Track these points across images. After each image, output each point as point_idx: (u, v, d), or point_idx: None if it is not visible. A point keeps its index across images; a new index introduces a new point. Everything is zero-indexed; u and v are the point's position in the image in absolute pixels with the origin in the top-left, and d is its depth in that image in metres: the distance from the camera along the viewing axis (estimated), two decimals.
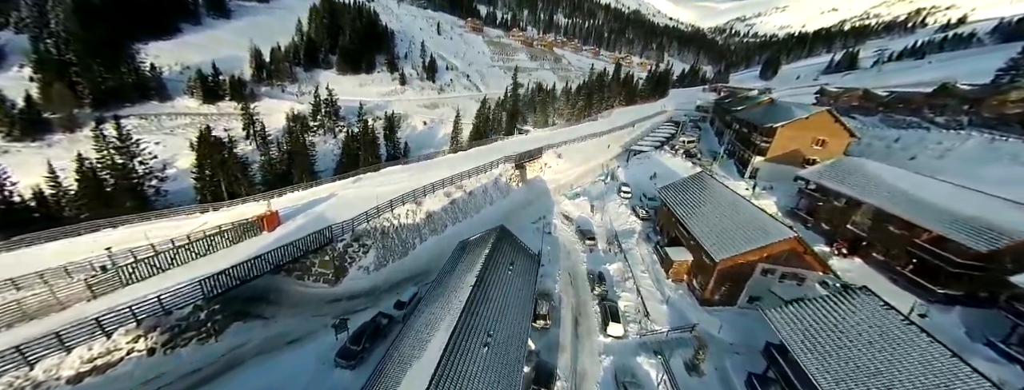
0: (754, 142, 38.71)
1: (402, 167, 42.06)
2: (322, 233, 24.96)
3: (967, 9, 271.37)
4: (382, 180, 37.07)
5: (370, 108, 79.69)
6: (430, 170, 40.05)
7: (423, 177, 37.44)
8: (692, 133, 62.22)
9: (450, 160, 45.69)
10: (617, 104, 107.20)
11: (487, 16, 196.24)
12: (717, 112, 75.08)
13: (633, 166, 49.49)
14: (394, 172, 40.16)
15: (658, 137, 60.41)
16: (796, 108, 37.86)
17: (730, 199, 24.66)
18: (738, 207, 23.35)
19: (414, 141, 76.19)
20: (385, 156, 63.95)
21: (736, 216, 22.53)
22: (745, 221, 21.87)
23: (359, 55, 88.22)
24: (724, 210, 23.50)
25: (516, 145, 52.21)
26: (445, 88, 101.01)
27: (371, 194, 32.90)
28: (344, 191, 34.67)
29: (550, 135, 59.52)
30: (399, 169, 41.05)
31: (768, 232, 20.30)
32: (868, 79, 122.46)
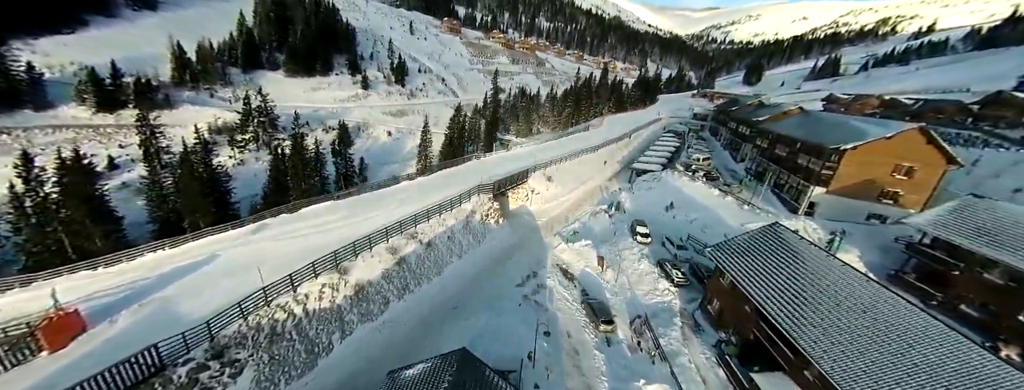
0: (807, 167, 29.50)
1: (336, 206, 30.51)
2: (142, 359, 13.52)
3: (930, 18, 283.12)
4: (299, 228, 25.59)
5: (324, 116, 67.41)
6: (376, 208, 28.89)
7: (363, 220, 26.26)
8: (701, 146, 53.42)
9: (409, 190, 34.56)
10: (606, 111, 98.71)
11: (466, 18, 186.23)
12: (720, 121, 67.09)
13: (640, 190, 39.77)
14: (324, 212, 28.67)
15: (662, 152, 51.25)
16: (863, 123, 28.92)
17: (848, 281, 14.80)
18: (877, 304, 13.45)
19: (375, 156, 64.45)
20: (334, 177, 52.17)
21: (884, 324, 12.67)
22: (910, 335, 12.02)
23: (313, 55, 75.80)
24: (851, 309, 13.61)
25: (495, 164, 41.67)
26: (416, 93, 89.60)
27: (274, 254, 21.56)
28: (233, 250, 23.03)
29: (535, 151, 49.34)
30: (331, 208, 29.54)
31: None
32: (857, 85, 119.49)
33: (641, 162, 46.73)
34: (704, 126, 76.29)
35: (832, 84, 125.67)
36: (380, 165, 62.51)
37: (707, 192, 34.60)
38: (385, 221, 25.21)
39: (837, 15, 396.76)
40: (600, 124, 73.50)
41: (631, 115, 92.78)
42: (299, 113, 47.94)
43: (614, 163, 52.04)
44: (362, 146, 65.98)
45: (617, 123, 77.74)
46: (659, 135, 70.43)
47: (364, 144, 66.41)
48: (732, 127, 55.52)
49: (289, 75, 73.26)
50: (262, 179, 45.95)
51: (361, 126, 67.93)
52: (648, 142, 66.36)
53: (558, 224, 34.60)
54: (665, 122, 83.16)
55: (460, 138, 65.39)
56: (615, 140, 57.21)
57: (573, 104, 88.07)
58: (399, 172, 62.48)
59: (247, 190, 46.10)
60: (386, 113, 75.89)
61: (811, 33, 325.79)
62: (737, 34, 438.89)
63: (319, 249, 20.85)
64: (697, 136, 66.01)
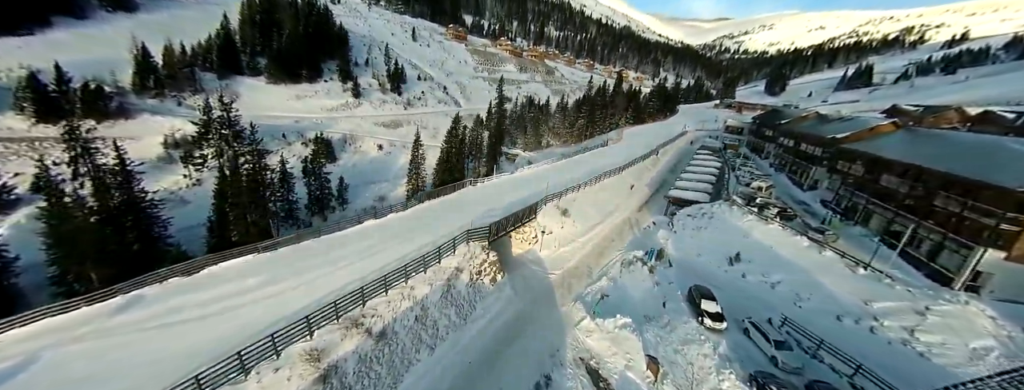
0: (959, 216, 19.66)
1: (261, 262, 21.30)
2: None
3: (958, 27, 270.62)
4: (191, 304, 16.56)
5: (306, 127, 59.49)
6: (318, 265, 19.84)
7: (293, 287, 17.33)
8: (752, 169, 43.61)
9: (372, 235, 25.41)
10: (623, 122, 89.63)
11: (473, 26, 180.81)
12: (762, 135, 57.33)
13: (685, 229, 30.19)
14: (238, 274, 19.53)
15: (702, 174, 41.69)
16: None
17: None
18: None
19: (362, 173, 56.02)
20: (306, 203, 43.81)
21: None
22: None
23: (299, 60, 68.62)
24: None
25: (495, 193, 32.55)
26: (413, 102, 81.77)
27: (129, 364, 12.70)
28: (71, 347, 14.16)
29: (546, 171, 40.23)
30: (253, 266, 20.35)
31: None
32: (901, 95, 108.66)
33: (680, 189, 37.17)
34: (739, 141, 66.58)
35: (871, 94, 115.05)
36: (366, 184, 53.92)
37: (788, 239, 24.82)
38: (325, 288, 16.22)
39: (856, 24, 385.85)
40: (618, 138, 64.30)
41: (651, 127, 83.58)
42: (253, 125, 39.66)
43: (642, 187, 42.57)
44: (347, 162, 57.71)
45: (637, 136, 68.56)
46: (689, 152, 60.94)
47: (350, 159, 58.14)
48: (787, 144, 45.75)
49: (271, 82, 66.01)
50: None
51: (348, 139, 59.83)
52: (678, 160, 56.94)
53: (578, 280, 25.11)
54: (692, 136, 73.68)
55: (459, 153, 56.66)
56: (641, 158, 47.81)
57: (587, 115, 79.25)
58: (388, 192, 53.86)
59: (199, 216, 37.56)
60: (378, 124, 67.87)
61: (830, 42, 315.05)
62: (751, 44, 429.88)
63: (199, 351, 11.83)
64: (736, 153, 56.30)
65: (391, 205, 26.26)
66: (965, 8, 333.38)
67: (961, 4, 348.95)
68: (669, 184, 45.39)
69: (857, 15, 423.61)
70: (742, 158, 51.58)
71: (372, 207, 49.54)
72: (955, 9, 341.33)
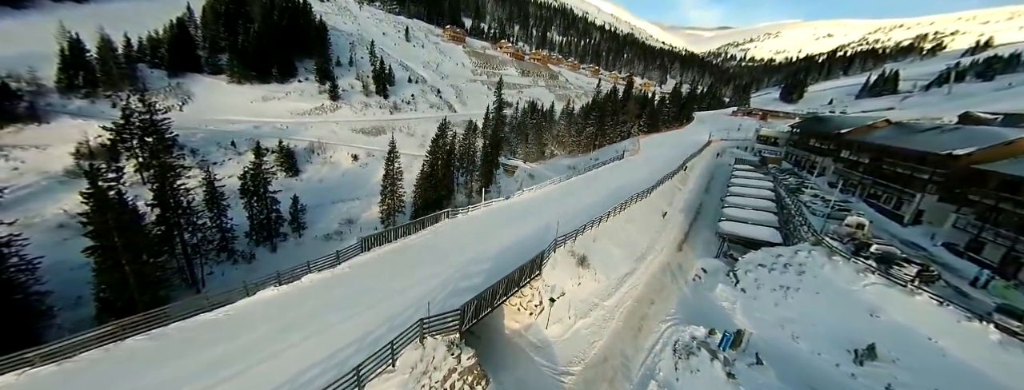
0: None
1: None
2: None
3: (973, 34, 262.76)
4: None
5: (268, 134, 50.37)
6: None
7: None
8: (810, 188, 33.90)
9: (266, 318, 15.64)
10: (636, 130, 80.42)
11: (472, 28, 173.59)
12: (810, 148, 47.88)
13: (758, 286, 20.54)
14: None
15: (754, 198, 32.14)
16: None
17: None
18: None
19: (329, 189, 46.71)
20: (247, 230, 34.61)
21: None
22: None
23: (269, 57, 59.96)
24: None
25: (485, 229, 22.98)
26: (401, 105, 72.88)
27: None
28: None
29: (551, 194, 30.66)
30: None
31: None
32: (939, 102, 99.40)
33: (733, 220, 27.60)
34: (775, 152, 57.13)
35: (904, 101, 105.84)
36: (331, 204, 44.52)
37: (957, 326, 15.07)
38: None
39: (865, 32, 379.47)
40: (636, 149, 54.93)
41: (668, 136, 74.29)
42: (172, 134, 30.54)
43: (675, 213, 32.95)
44: (313, 175, 48.43)
45: (655, 146, 59.18)
46: (720, 166, 51.50)
47: (317, 172, 48.88)
48: (857, 160, 36.18)
49: (234, 81, 57.18)
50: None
51: (317, 147, 50.64)
52: (709, 176, 47.45)
53: (610, 386, 15.37)
54: (717, 146, 64.27)
55: (446, 166, 47.37)
56: (668, 175, 38.25)
57: (597, 122, 70.11)
58: (359, 213, 44.39)
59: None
60: (356, 131, 58.75)
61: (841, 50, 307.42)
62: (757, 52, 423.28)
63: None
64: (780, 168, 46.80)
65: (310, 263, 16.60)
66: (978, 16, 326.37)
67: (972, 12, 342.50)
68: (708, 210, 35.89)
69: (865, 23, 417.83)
70: (793, 176, 41.95)
71: (338, 232, 40.18)
72: (967, 17, 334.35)
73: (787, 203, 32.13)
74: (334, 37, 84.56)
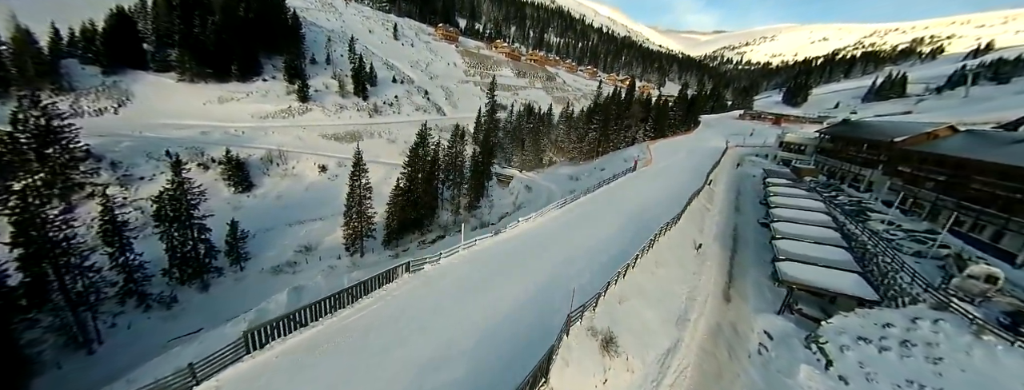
0: None
1: None
2: None
3: (970, 38, 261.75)
4: None
5: (218, 141, 42.88)
6: None
7: None
8: (876, 212, 27.29)
9: None
10: (641, 135, 73.91)
11: (466, 29, 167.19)
12: (849, 158, 41.46)
13: (868, 381, 13.56)
14: None
15: (809, 225, 25.35)
16: None
17: None
18: None
19: (283, 210, 39.26)
20: (166, 267, 27.35)
21: None
22: None
23: (229, 53, 52.58)
24: None
25: (458, 294, 15.83)
26: (383, 108, 65.68)
27: None
28: None
29: (554, 223, 23.60)
30: None
31: None
32: (955, 106, 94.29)
33: (794, 259, 20.73)
34: (799, 160, 50.78)
35: (919, 104, 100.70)
36: (287, 226, 37.11)
37: None
38: None
39: (861, 36, 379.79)
40: (648, 158, 48.21)
41: (678, 142, 67.71)
42: (87, 135, 23.25)
43: (710, 243, 26.00)
44: (269, 190, 40.97)
45: (667, 154, 52.48)
46: (744, 178, 44.86)
47: (275, 186, 41.45)
48: (925, 176, 29.62)
49: (185, 80, 49.65)
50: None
51: (276, 157, 43.21)
52: (735, 191, 40.73)
53: None
54: (735, 153, 57.74)
55: (428, 180, 40.21)
56: (696, 192, 31.38)
57: (600, 126, 63.41)
58: (321, 237, 37.05)
59: None
60: (328, 136, 51.48)
61: (837, 53, 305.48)
62: (753, 55, 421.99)
63: None
64: (817, 182, 40.22)
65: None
66: (972, 20, 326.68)
67: (966, 16, 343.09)
68: (746, 236, 29.08)
69: (860, 27, 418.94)
70: (838, 192, 35.31)
71: (291, 263, 32.78)
72: (961, 21, 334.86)
73: (852, 232, 25.38)
74: (313, 33, 77.38)
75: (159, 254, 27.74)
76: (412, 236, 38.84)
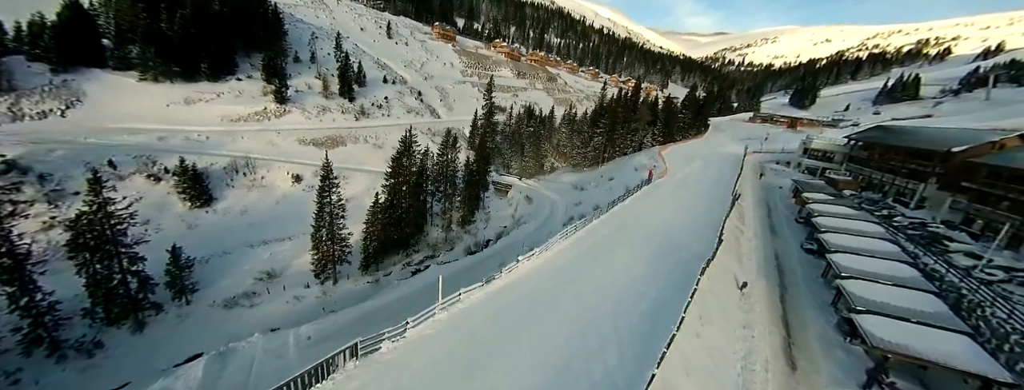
0: None
1: None
2: None
3: (976, 40, 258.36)
4: None
5: (168, 148, 37.88)
6: None
7: None
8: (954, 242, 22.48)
9: None
10: (650, 140, 69.20)
11: (465, 28, 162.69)
12: (892, 169, 36.65)
13: None
14: None
15: (875, 258, 20.52)
16: None
17: None
18: None
19: (247, 228, 34.29)
20: (89, 307, 22.27)
21: None
22: None
23: (199, 49, 47.68)
24: None
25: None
26: (370, 110, 60.79)
27: None
28: None
29: (560, 266, 18.72)
30: None
31: None
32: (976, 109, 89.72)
33: (879, 313, 15.84)
34: (825, 169, 46.03)
35: (937, 107, 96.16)
36: (249, 247, 32.12)
37: None
38: None
39: (864, 37, 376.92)
40: (664, 166, 43.34)
41: (690, 147, 62.86)
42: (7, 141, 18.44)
43: (756, 280, 21.10)
44: (234, 203, 35.97)
45: (681, 161, 47.60)
46: (771, 191, 40.08)
47: (239, 199, 36.43)
48: (1004, 198, 24.79)
49: (147, 78, 44.70)
50: None
51: (241, 166, 38.22)
52: (764, 207, 35.92)
53: None
54: (753, 161, 52.90)
55: (415, 194, 35.31)
56: (727, 213, 26.53)
57: (606, 130, 58.61)
58: (287, 262, 32.13)
59: None
60: (305, 142, 46.55)
61: (841, 55, 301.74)
62: (755, 57, 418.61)
63: None
64: (859, 197, 35.38)
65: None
66: (976, 22, 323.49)
67: (970, 18, 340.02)
68: (791, 267, 24.23)
69: (863, 29, 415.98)
70: (897, 212, 30.43)
71: (250, 294, 27.81)
72: (966, 23, 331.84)
73: (930, 268, 20.48)
74: (299, 30, 72.58)
75: (70, 293, 22.71)
76: (396, 258, 33.89)
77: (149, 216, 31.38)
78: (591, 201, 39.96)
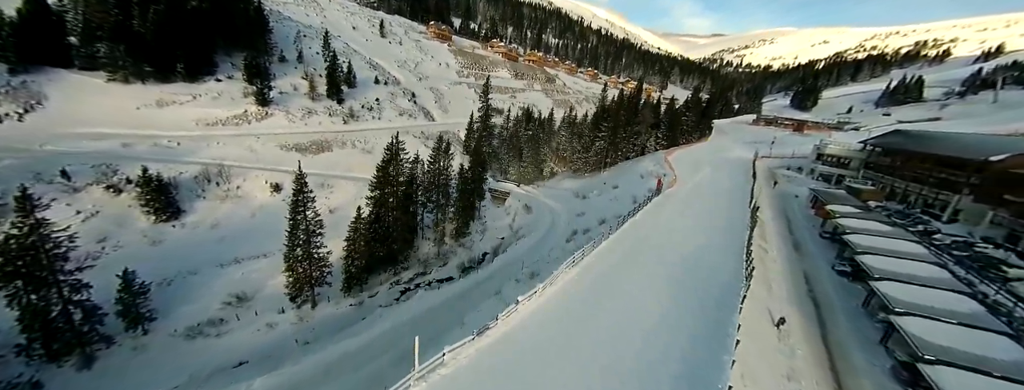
0: None
1: None
2: None
3: (974, 42, 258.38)
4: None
5: (133, 155, 34.75)
6: None
7: None
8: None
9: None
10: (653, 143, 66.65)
11: (461, 28, 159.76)
12: (922, 179, 34.11)
13: None
14: None
15: (928, 287, 17.84)
16: None
17: None
18: None
19: (218, 244, 31.17)
20: (34, 352, 18.49)
21: None
22: None
23: (174, 47, 44.54)
24: None
25: None
26: (360, 112, 57.74)
27: None
28: None
29: (565, 305, 15.88)
30: None
31: None
32: (985, 113, 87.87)
33: (959, 365, 13.10)
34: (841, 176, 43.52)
35: (944, 109, 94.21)
36: (219, 267, 29.09)
37: None
38: None
39: (861, 39, 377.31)
40: (673, 173, 40.64)
41: (695, 152, 60.22)
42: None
43: (792, 313, 18.30)
44: (206, 216, 32.90)
45: (689, 168, 44.89)
46: (786, 199, 37.47)
47: (212, 212, 33.36)
48: None
49: (116, 79, 41.47)
50: None
51: (214, 175, 35.13)
52: (784, 219, 33.33)
53: None
54: (763, 167, 50.33)
55: (403, 206, 32.41)
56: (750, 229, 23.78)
57: (609, 134, 55.87)
58: (262, 283, 29.16)
59: None
60: (288, 147, 43.48)
61: (839, 56, 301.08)
62: (753, 58, 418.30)
63: None
64: (886, 209, 32.74)
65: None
66: (973, 24, 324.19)
67: (967, 20, 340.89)
68: (826, 294, 21.53)
69: (860, 31, 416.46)
70: (931, 226, 27.78)
71: (216, 321, 24.81)
72: (963, 25, 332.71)
73: (988, 297, 17.80)
74: (287, 28, 69.44)
75: (11, 324, 19.68)
76: (382, 277, 30.93)
77: (107, 232, 28.29)
78: (595, 212, 37.17)
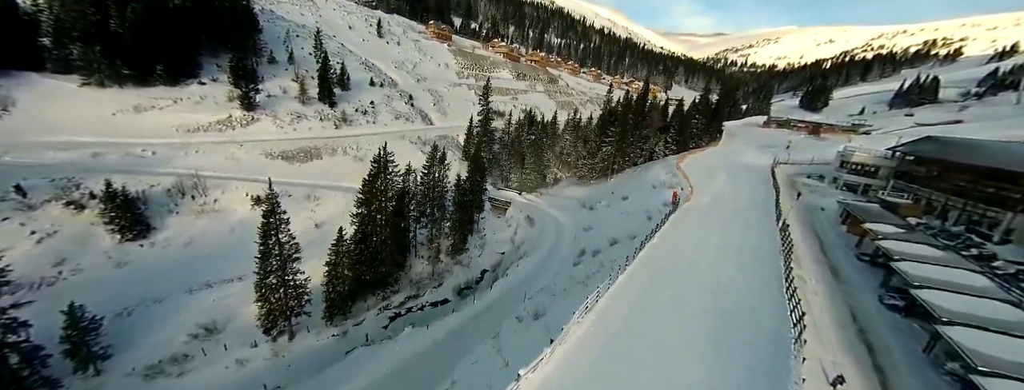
0: None
1: None
2: None
3: (984, 41, 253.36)
4: None
5: (102, 166, 32.02)
6: None
7: None
8: None
9: None
10: (662, 148, 63.55)
11: (462, 27, 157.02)
12: (963, 192, 30.95)
13: None
14: None
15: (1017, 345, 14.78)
16: None
17: None
18: None
19: (191, 266, 28.23)
20: None
21: None
22: None
23: (154, 49, 41.83)
24: None
25: None
26: (353, 116, 54.93)
27: None
28: None
29: (574, 371, 12.98)
30: None
31: None
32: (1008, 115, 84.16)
33: None
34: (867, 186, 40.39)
35: (963, 111, 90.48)
36: (187, 293, 26.25)
37: None
38: None
39: (868, 38, 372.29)
40: (689, 182, 37.60)
41: (707, 158, 56.99)
42: None
43: (850, 372, 15.28)
44: (178, 233, 30.14)
45: (705, 176, 41.79)
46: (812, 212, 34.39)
47: (185, 228, 30.56)
48: None
49: (90, 83, 38.80)
50: None
51: (189, 186, 32.36)
52: (813, 237, 30.29)
53: None
54: (785, 176, 47.17)
55: (394, 224, 29.54)
56: (786, 258, 20.78)
57: (616, 138, 52.83)
58: (231, 313, 25.89)
59: None
60: (274, 155, 40.71)
61: (845, 55, 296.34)
62: (757, 58, 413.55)
63: None
64: (927, 226, 29.61)
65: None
66: (983, 23, 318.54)
67: (976, 18, 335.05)
68: (887, 343, 18.37)
69: (866, 30, 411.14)
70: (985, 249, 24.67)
71: (180, 357, 21.99)
72: (972, 23, 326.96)
73: None
74: (279, 27, 66.72)
75: None
76: (369, 302, 28.04)
77: (65, 254, 25.53)
78: (604, 227, 34.13)
